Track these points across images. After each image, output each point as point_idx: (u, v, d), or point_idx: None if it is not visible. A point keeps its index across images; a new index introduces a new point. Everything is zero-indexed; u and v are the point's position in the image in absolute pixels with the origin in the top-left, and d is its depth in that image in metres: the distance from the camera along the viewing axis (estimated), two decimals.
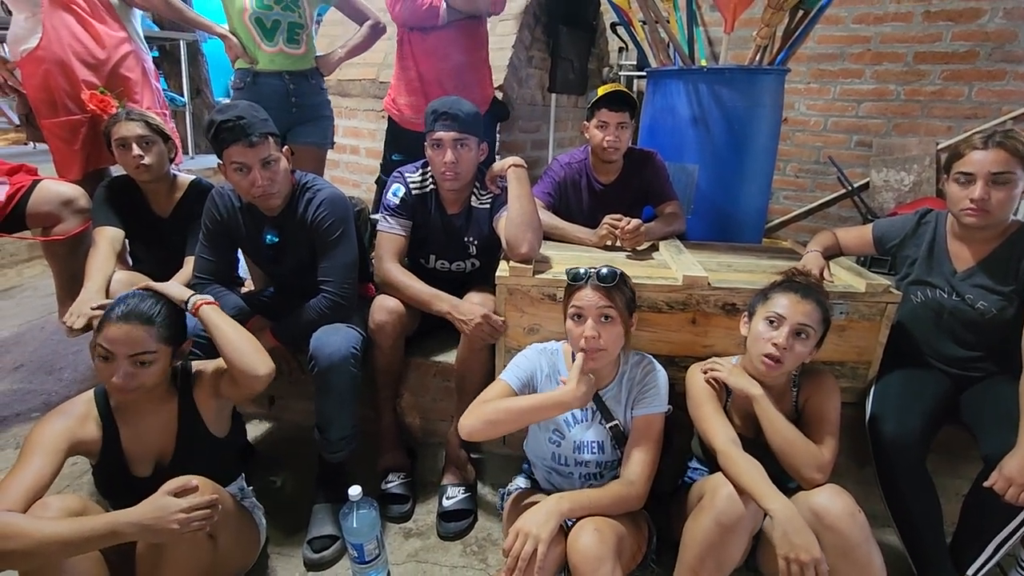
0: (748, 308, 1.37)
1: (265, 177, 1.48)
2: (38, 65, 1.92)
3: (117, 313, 1.17)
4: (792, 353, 1.25)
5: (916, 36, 3.12)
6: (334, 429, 1.55)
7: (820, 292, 1.32)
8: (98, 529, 1.02)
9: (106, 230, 1.77)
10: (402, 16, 2.07)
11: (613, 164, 1.99)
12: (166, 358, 1.22)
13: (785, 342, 1.24)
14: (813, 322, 1.26)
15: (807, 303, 1.26)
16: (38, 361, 2.39)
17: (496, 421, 1.27)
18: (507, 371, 1.41)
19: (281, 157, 1.53)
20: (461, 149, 1.64)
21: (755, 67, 2.12)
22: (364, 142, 3.27)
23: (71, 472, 1.75)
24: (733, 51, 3.17)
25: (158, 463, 1.29)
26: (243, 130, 1.42)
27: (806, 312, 1.25)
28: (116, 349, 1.15)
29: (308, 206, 1.59)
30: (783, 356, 1.25)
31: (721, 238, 2.15)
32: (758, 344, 1.28)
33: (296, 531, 1.58)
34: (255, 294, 1.88)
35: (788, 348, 1.25)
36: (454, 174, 1.65)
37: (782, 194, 3.66)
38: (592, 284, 1.28)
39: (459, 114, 1.62)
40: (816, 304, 1.27)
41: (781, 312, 1.26)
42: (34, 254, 3.40)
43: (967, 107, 3.08)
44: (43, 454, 1.11)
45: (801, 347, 1.26)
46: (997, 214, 1.39)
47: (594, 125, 1.92)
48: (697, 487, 1.35)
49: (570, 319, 1.30)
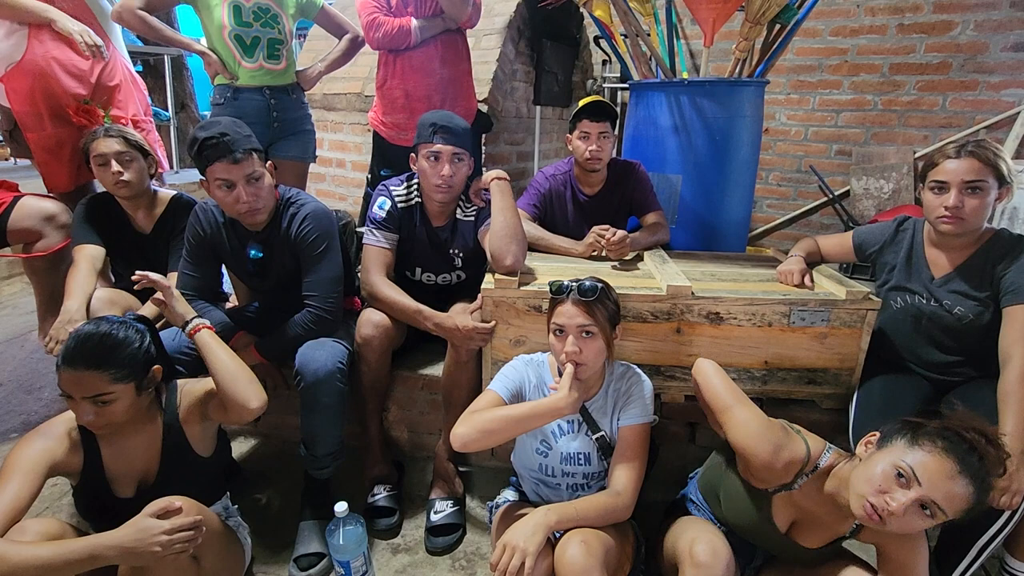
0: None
1: (250, 193, 1.47)
2: (23, 79, 1.91)
3: (67, 355, 1.11)
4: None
5: (891, 48, 3.20)
6: (320, 445, 1.54)
7: None
8: (77, 552, 1.00)
9: (86, 248, 1.75)
10: (377, 42, 2.11)
11: (597, 175, 2.01)
12: (128, 394, 1.16)
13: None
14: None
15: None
16: (17, 380, 2.34)
17: (490, 430, 1.26)
18: (495, 382, 1.41)
19: (265, 173, 1.53)
20: (458, 163, 1.66)
21: (735, 79, 2.16)
22: (350, 155, 3.27)
23: (51, 494, 1.71)
24: (713, 63, 3.23)
25: (141, 484, 1.27)
26: (227, 147, 1.42)
27: None
28: (71, 392, 1.12)
29: (292, 221, 1.59)
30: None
31: (705, 247, 2.18)
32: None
33: (282, 549, 1.55)
34: (239, 309, 1.87)
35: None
36: (448, 187, 1.67)
37: (765, 202, 3.72)
38: (573, 298, 1.28)
39: (457, 129, 1.64)
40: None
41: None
42: (14, 271, 3.34)
43: (942, 116, 3.16)
44: (21, 476, 1.08)
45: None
46: (971, 221, 1.42)
47: (576, 136, 1.94)
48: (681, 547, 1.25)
49: (552, 333, 1.31)
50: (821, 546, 1.23)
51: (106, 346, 1.13)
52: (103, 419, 1.14)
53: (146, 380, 1.21)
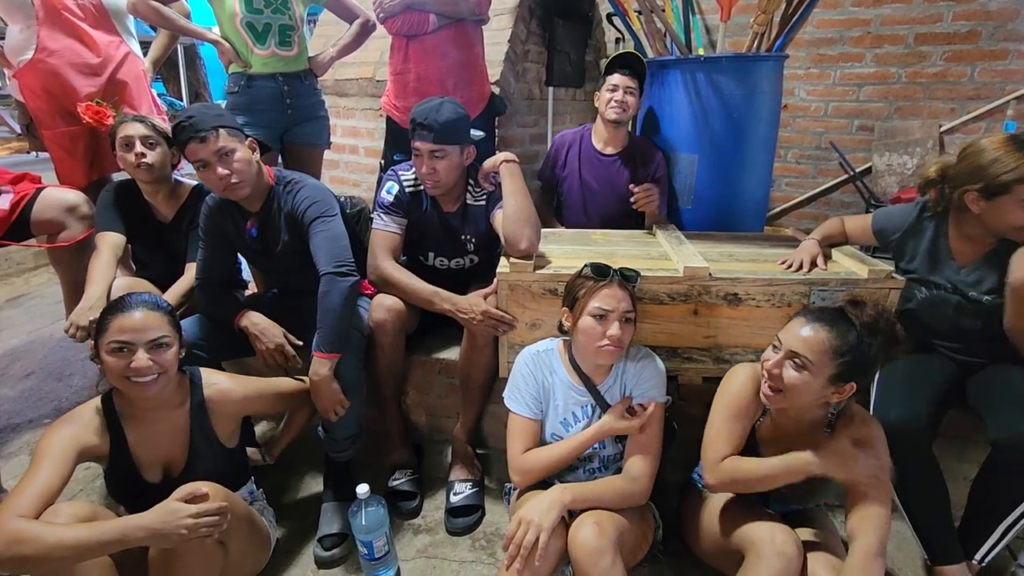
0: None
1: (224, 168, 1.47)
2: (36, 76, 1.93)
3: (124, 304, 1.20)
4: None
5: (917, 17, 3.08)
6: (339, 429, 1.56)
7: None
8: (108, 534, 1.03)
9: (108, 235, 1.78)
10: (395, 27, 2.09)
11: (617, 133, 2.06)
12: (175, 344, 1.25)
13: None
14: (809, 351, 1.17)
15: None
16: (47, 368, 2.41)
17: (551, 468, 1.35)
18: (513, 401, 1.40)
19: (238, 148, 1.49)
20: (439, 159, 1.63)
21: (753, 54, 2.10)
22: (363, 141, 3.27)
23: (84, 477, 1.77)
24: (730, 39, 3.15)
25: (168, 469, 1.31)
26: (192, 128, 1.43)
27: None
28: (133, 337, 1.17)
29: (288, 197, 1.59)
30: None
31: (722, 228, 2.14)
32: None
33: (306, 530, 1.59)
34: (258, 296, 1.89)
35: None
36: (433, 183, 1.67)
37: (784, 181, 3.64)
38: (619, 282, 1.29)
39: (435, 124, 1.58)
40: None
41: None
42: (40, 262, 3.42)
43: (970, 88, 3.05)
44: (52, 462, 1.12)
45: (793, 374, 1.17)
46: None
47: (605, 89, 2.01)
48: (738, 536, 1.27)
49: (590, 316, 1.27)
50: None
51: (153, 297, 1.26)
52: (159, 367, 1.19)
53: (183, 339, 1.29)
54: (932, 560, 1.41)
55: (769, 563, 1.14)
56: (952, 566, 1.37)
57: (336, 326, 1.47)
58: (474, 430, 1.80)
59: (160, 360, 1.20)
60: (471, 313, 1.57)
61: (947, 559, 1.37)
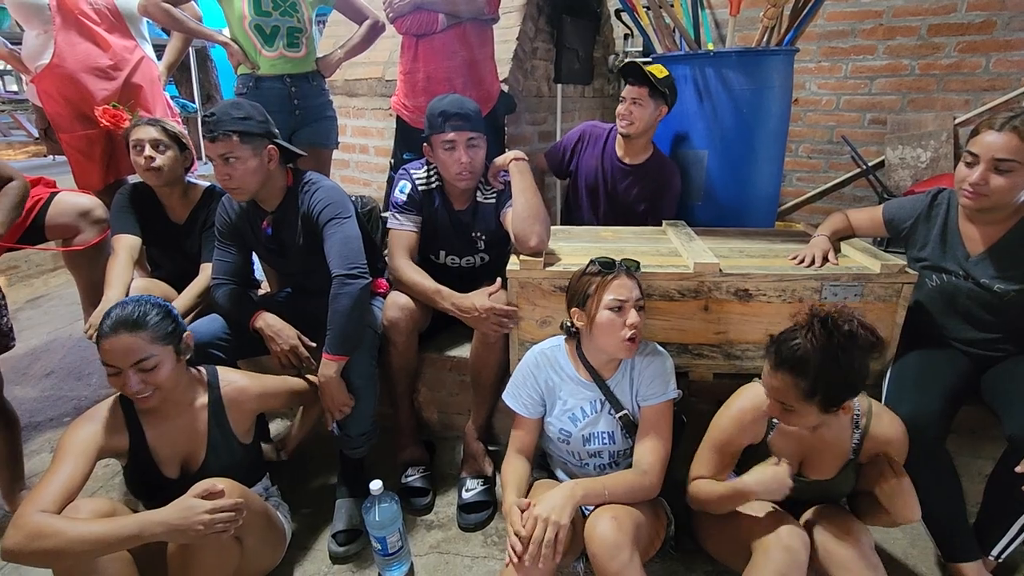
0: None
1: (224, 172, 1.49)
2: (53, 80, 1.97)
3: (105, 328, 1.19)
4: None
5: (930, 8, 3.04)
6: (353, 426, 1.58)
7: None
8: (127, 529, 1.06)
9: (124, 238, 1.80)
10: (404, 27, 2.10)
11: (630, 145, 2.06)
12: (169, 357, 1.24)
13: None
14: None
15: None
16: (67, 367, 2.46)
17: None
18: (513, 398, 1.44)
19: (247, 157, 1.48)
20: (474, 148, 1.65)
21: (763, 49, 2.09)
22: (373, 141, 3.29)
23: (104, 474, 1.80)
24: (740, 33, 3.12)
25: (185, 465, 1.33)
26: (210, 126, 1.46)
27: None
28: (116, 362, 1.18)
29: (304, 198, 1.60)
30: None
31: (732, 224, 2.13)
32: None
33: (321, 526, 1.61)
34: (271, 296, 1.91)
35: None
36: (470, 173, 1.67)
37: (795, 176, 3.61)
38: (625, 272, 1.31)
39: (469, 113, 1.62)
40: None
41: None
42: (58, 264, 3.48)
43: (985, 79, 3.00)
44: (73, 459, 1.15)
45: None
46: (995, 200, 1.34)
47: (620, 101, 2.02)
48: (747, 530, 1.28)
49: (608, 310, 1.27)
50: (835, 474, 1.29)
51: (137, 312, 1.21)
52: (151, 385, 1.20)
53: (182, 345, 1.28)
54: (947, 558, 1.40)
55: (775, 557, 1.15)
56: (968, 563, 1.36)
57: (345, 329, 1.48)
58: (485, 427, 1.81)
59: (150, 380, 1.20)
60: (472, 312, 1.58)
61: (962, 556, 1.36)
